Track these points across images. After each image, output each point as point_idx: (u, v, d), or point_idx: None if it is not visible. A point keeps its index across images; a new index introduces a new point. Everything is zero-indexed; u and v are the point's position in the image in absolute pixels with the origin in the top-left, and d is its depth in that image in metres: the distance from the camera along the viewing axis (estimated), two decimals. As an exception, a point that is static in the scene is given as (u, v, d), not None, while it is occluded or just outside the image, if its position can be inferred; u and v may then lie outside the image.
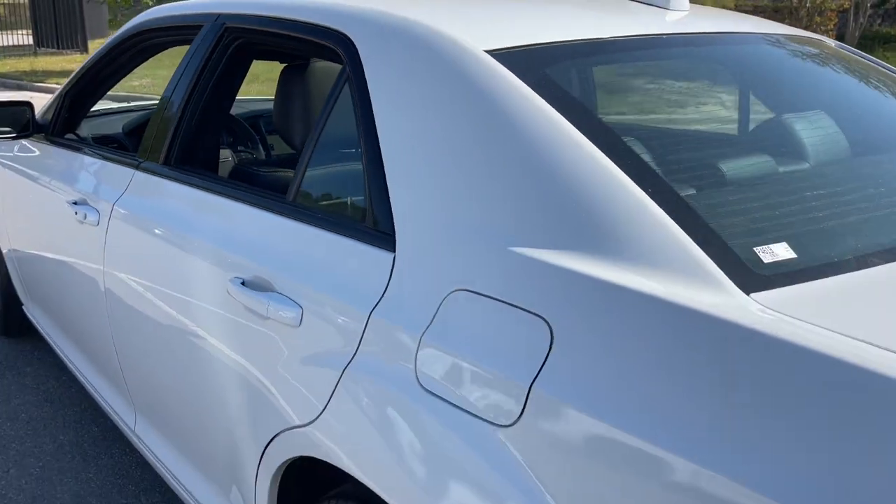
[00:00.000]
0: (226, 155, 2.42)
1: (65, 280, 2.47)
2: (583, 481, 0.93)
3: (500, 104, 1.23)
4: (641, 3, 1.77)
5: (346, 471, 1.24)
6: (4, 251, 3.23)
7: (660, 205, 1.07)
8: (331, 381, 1.28)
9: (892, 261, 1.07)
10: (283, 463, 1.42)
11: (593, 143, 1.15)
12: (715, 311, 0.91)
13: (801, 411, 0.79)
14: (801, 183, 1.35)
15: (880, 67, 1.92)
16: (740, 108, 1.81)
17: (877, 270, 1.05)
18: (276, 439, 1.41)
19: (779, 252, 1.04)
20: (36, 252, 2.78)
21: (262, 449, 1.46)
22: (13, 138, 2.73)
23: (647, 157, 1.18)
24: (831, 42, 2.08)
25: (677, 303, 0.94)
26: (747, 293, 0.95)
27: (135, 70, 2.85)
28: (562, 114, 1.20)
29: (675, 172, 1.19)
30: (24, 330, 3.46)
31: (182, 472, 1.91)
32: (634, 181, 1.10)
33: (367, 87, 1.42)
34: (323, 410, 1.29)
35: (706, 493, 0.81)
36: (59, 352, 2.83)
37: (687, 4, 1.77)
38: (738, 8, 18.07)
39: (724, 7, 15.72)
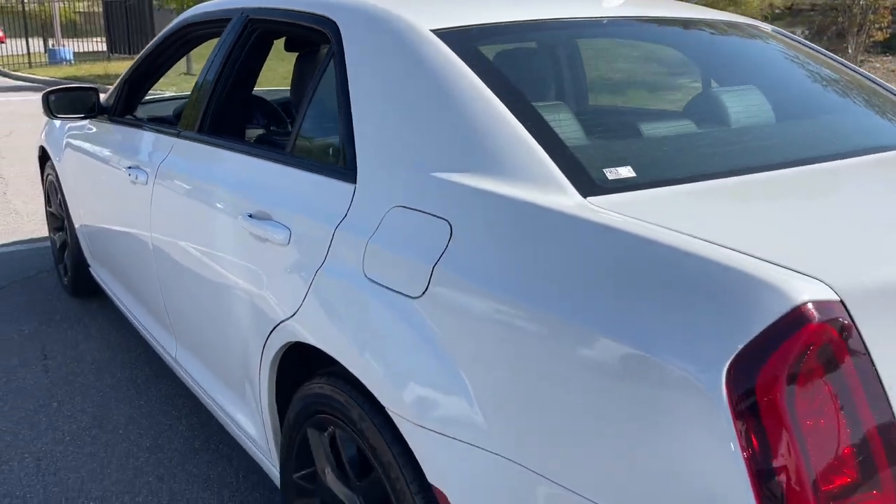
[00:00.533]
0: (258, 132, 2.86)
1: (121, 235, 2.96)
2: (468, 331, 1.30)
3: (434, 70, 1.61)
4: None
5: (315, 345, 1.64)
6: (77, 226, 3.75)
7: (537, 140, 1.43)
8: (307, 282, 1.68)
9: (715, 178, 1.42)
10: (279, 351, 1.82)
11: (498, 97, 1.52)
12: (556, 206, 1.28)
13: (613, 273, 1.14)
14: (659, 124, 1.69)
15: (796, 43, 2.24)
16: (636, 73, 2.16)
17: (698, 184, 1.40)
18: (272, 333, 1.82)
19: (622, 172, 1.40)
20: (99, 216, 3.27)
21: (264, 342, 1.87)
22: (82, 118, 3.23)
23: (538, 106, 1.55)
24: (766, 27, 2.40)
25: (535, 203, 1.30)
26: (584, 197, 1.31)
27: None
28: (479, 76, 1.57)
29: (555, 117, 1.55)
30: (90, 291, 3.98)
31: (209, 385, 2.35)
32: (524, 125, 1.46)
33: (345, 60, 1.82)
34: (301, 304, 1.69)
35: (555, 333, 1.17)
36: (117, 302, 3.31)
37: None
38: (793, 7, 17.90)
39: (773, 6, 15.65)
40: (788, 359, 0.96)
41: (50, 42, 23.23)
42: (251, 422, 2.10)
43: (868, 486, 0.97)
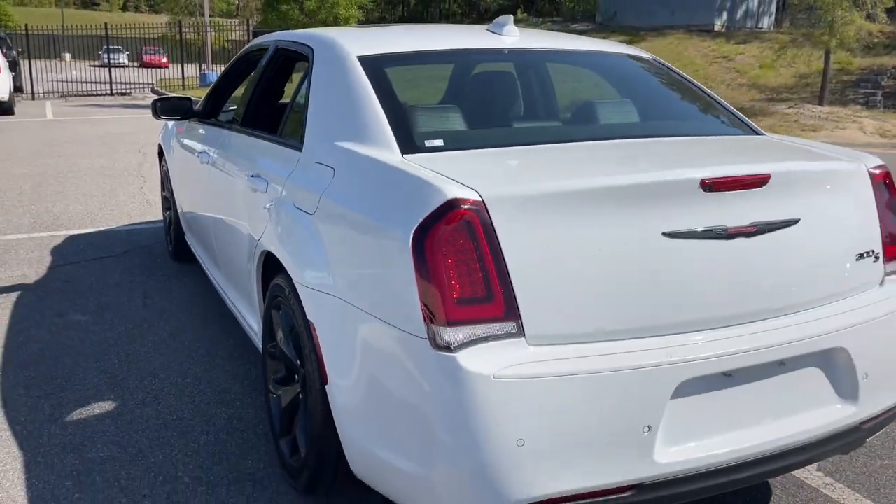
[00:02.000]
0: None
1: (198, 206, 4.07)
2: (332, 229, 2.22)
3: (350, 82, 2.55)
4: (489, 31, 3.00)
5: (270, 250, 2.61)
6: (178, 203, 4.94)
7: (391, 124, 2.33)
8: (270, 212, 2.66)
9: (494, 147, 2.28)
10: (259, 259, 2.79)
11: (378, 98, 2.43)
12: (384, 158, 2.17)
13: (388, 187, 2.03)
14: (482, 116, 2.55)
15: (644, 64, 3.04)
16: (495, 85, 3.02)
17: (478, 150, 2.26)
18: (256, 248, 2.81)
19: (435, 143, 2.28)
20: (188, 193, 4.42)
21: (253, 256, 2.86)
22: (179, 119, 4.40)
23: (402, 104, 2.45)
24: (647, 55, 3.19)
25: (374, 157, 2.21)
26: (402, 154, 2.20)
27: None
28: (372, 85, 2.49)
29: (411, 110, 2.44)
30: (186, 257, 5.16)
31: (234, 297, 3.39)
32: (386, 115, 2.36)
33: (312, 72, 2.79)
34: (266, 226, 2.67)
35: (362, 225, 2.06)
36: (200, 261, 4.44)
37: (516, 31, 2.97)
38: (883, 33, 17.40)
39: (871, 34, 15.44)
40: (442, 227, 1.81)
41: (202, 67, 25.95)
42: (254, 319, 3.10)
43: (486, 298, 1.81)
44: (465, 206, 1.83)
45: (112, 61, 25.03)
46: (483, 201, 1.84)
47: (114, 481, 2.66)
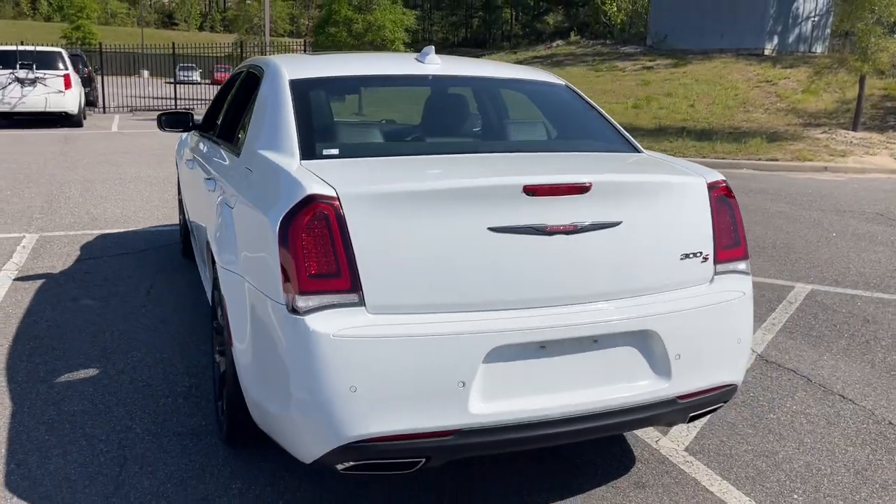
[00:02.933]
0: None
1: (190, 207, 4.65)
2: (241, 217, 2.73)
3: (277, 100, 3.06)
4: (416, 60, 3.48)
5: (208, 240, 3.13)
6: (183, 206, 5.55)
7: (299, 137, 2.82)
8: (214, 209, 3.19)
9: (378, 157, 2.76)
10: (207, 250, 3.33)
11: (294, 115, 2.93)
12: (285, 165, 2.67)
13: (270, 183, 2.52)
14: (380, 131, 3.02)
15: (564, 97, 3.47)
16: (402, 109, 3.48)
17: (363, 158, 2.73)
18: (207, 238, 3.34)
19: (331, 151, 2.76)
20: (187, 196, 5.02)
21: (206, 245, 3.39)
22: (181, 131, 5.01)
23: (314, 120, 2.95)
24: (560, 81, 3.62)
25: (277, 162, 2.70)
26: (301, 160, 2.69)
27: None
28: (293, 103, 2.99)
29: (320, 125, 2.93)
30: (191, 254, 5.75)
31: (205, 280, 3.93)
32: (297, 129, 2.86)
33: (258, 92, 3.32)
34: (212, 219, 3.20)
35: (251, 210, 2.57)
36: (195, 256, 5.01)
37: (437, 60, 3.44)
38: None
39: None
40: (301, 216, 2.29)
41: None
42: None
43: (334, 274, 2.28)
44: (322, 201, 2.30)
45: (185, 78, 26.36)
46: (338, 197, 2.31)
47: (79, 429, 3.21)
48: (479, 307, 2.37)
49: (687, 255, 2.68)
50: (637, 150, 3.24)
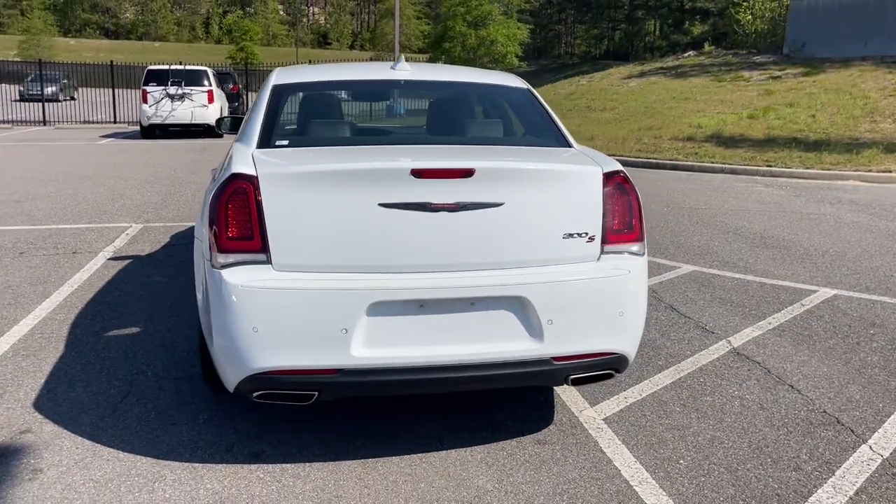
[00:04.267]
0: None
1: None
2: (206, 199, 3.37)
3: (258, 102, 3.67)
4: (390, 68, 3.99)
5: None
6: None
7: (262, 131, 3.41)
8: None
9: (322, 145, 3.30)
10: None
11: (266, 114, 3.52)
12: (239, 152, 3.27)
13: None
14: (330, 125, 3.54)
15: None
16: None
17: (308, 147, 3.28)
18: None
19: (282, 143, 3.33)
20: None
21: None
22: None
23: (280, 118, 3.53)
24: (522, 86, 4.02)
25: (236, 152, 3.30)
26: (256, 148, 3.28)
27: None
28: (268, 105, 3.59)
29: (282, 123, 3.50)
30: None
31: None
32: (263, 126, 3.44)
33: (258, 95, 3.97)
34: None
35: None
36: None
37: (406, 67, 3.93)
38: None
39: None
40: (227, 191, 2.86)
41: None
42: None
43: (248, 238, 2.83)
44: (243, 179, 2.87)
45: None
46: (257, 176, 2.88)
47: (106, 370, 3.96)
48: (366, 269, 2.85)
49: (570, 235, 3.02)
50: (567, 146, 3.58)
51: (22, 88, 30.52)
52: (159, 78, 18.94)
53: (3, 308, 4.92)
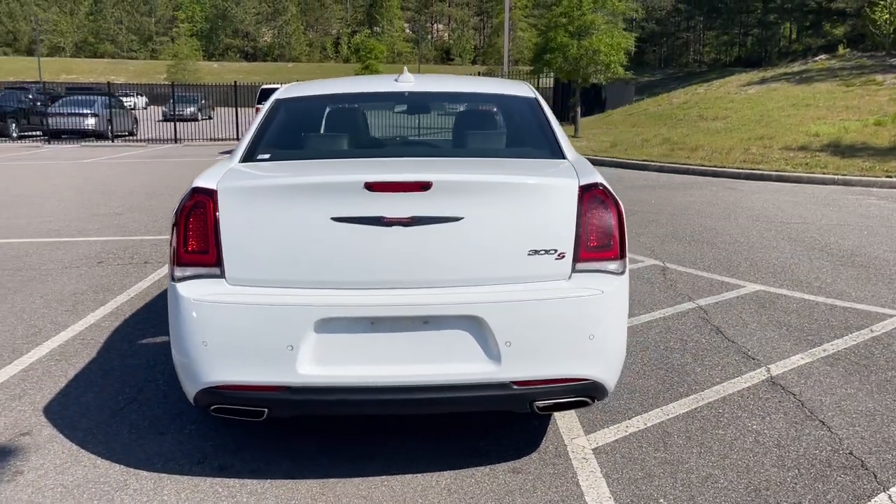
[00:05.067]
0: None
1: None
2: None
3: (260, 115, 3.71)
4: (393, 80, 3.92)
5: None
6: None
7: (251, 145, 3.44)
8: None
9: (302, 159, 3.28)
10: None
11: (261, 126, 3.56)
12: (220, 167, 3.29)
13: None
14: (313, 140, 3.50)
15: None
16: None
17: (287, 160, 3.27)
18: None
19: (264, 156, 3.34)
20: None
21: None
22: None
23: (270, 131, 3.54)
24: (529, 94, 3.85)
25: (226, 163, 3.34)
26: (238, 162, 3.31)
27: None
28: (265, 117, 3.62)
29: (269, 135, 3.50)
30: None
31: None
32: (253, 139, 3.47)
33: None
34: None
35: None
36: None
37: (410, 78, 3.85)
38: None
39: None
40: (187, 205, 2.88)
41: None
42: None
43: (204, 252, 2.84)
44: (202, 193, 2.89)
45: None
46: (216, 191, 2.89)
47: (123, 376, 4.11)
48: (317, 285, 2.79)
49: (537, 252, 2.83)
50: (561, 157, 3.37)
51: (165, 109, 32.81)
52: (270, 95, 19.81)
53: (60, 314, 5.23)
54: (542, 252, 2.84)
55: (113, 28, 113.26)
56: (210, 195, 2.88)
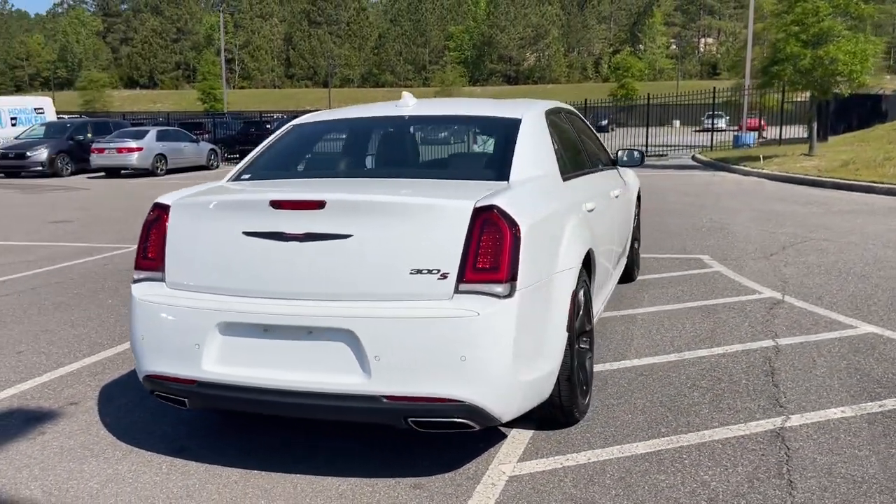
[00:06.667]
0: None
1: None
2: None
3: (276, 136, 4.12)
4: (394, 105, 4.11)
5: None
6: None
7: (245, 164, 3.86)
8: None
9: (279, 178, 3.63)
10: None
11: (264, 148, 3.97)
12: (221, 182, 3.75)
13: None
14: (296, 161, 3.78)
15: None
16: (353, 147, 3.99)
17: (267, 179, 3.63)
18: None
19: (247, 176, 3.72)
20: None
21: None
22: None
23: (268, 153, 3.92)
24: (516, 115, 3.84)
25: (220, 183, 3.80)
26: (226, 181, 3.74)
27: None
28: (271, 140, 4.03)
29: (267, 156, 3.86)
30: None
31: None
32: (251, 162, 3.90)
33: None
34: None
35: None
36: None
37: (411, 102, 4.02)
38: None
39: None
40: (148, 219, 3.35)
41: (738, 128, 26.62)
42: None
43: (153, 259, 3.29)
44: (159, 208, 3.35)
45: (710, 125, 26.80)
46: (169, 206, 3.33)
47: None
48: (225, 291, 3.10)
49: (419, 271, 2.88)
50: (501, 179, 3.35)
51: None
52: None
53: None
54: (425, 271, 2.88)
55: (393, 59, 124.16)
56: (165, 210, 3.33)
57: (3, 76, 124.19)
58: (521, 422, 3.64)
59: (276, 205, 3.04)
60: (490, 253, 2.87)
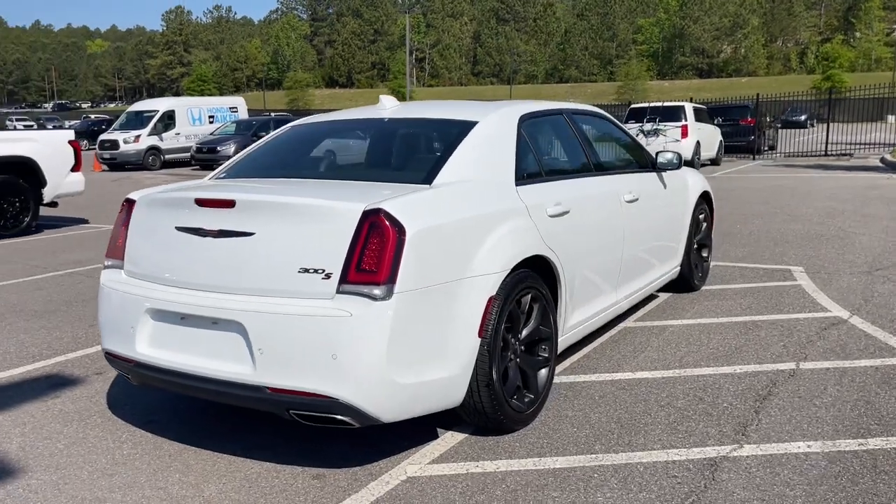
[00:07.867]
0: None
1: None
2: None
3: (270, 136, 4.40)
4: (376, 108, 4.20)
5: None
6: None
7: (231, 169, 4.15)
8: None
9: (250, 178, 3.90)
10: None
11: (251, 149, 4.25)
12: (201, 181, 4.09)
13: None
14: (269, 160, 3.99)
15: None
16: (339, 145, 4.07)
17: (244, 178, 3.91)
18: None
19: (222, 174, 4.01)
20: None
21: None
22: None
23: (252, 152, 4.18)
24: (471, 118, 3.82)
25: (199, 181, 4.14)
26: (206, 179, 4.06)
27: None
28: (264, 141, 4.30)
29: (250, 155, 4.11)
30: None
31: None
32: (237, 158, 4.19)
33: None
34: None
35: None
36: None
37: (392, 104, 4.11)
38: None
39: None
40: (120, 212, 3.74)
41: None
42: None
43: (118, 250, 3.66)
44: (127, 202, 3.71)
45: None
46: (135, 201, 3.69)
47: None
48: (157, 280, 3.40)
49: (306, 270, 3.00)
50: (425, 183, 3.37)
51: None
52: (638, 115, 19.93)
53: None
54: (311, 271, 3.00)
55: (578, 55, 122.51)
56: (132, 204, 3.70)
57: (225, 78, 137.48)
58: (460, 425, 3.65)
59: (200, 203, 3.29)
60: (373, 255, 2.93)
